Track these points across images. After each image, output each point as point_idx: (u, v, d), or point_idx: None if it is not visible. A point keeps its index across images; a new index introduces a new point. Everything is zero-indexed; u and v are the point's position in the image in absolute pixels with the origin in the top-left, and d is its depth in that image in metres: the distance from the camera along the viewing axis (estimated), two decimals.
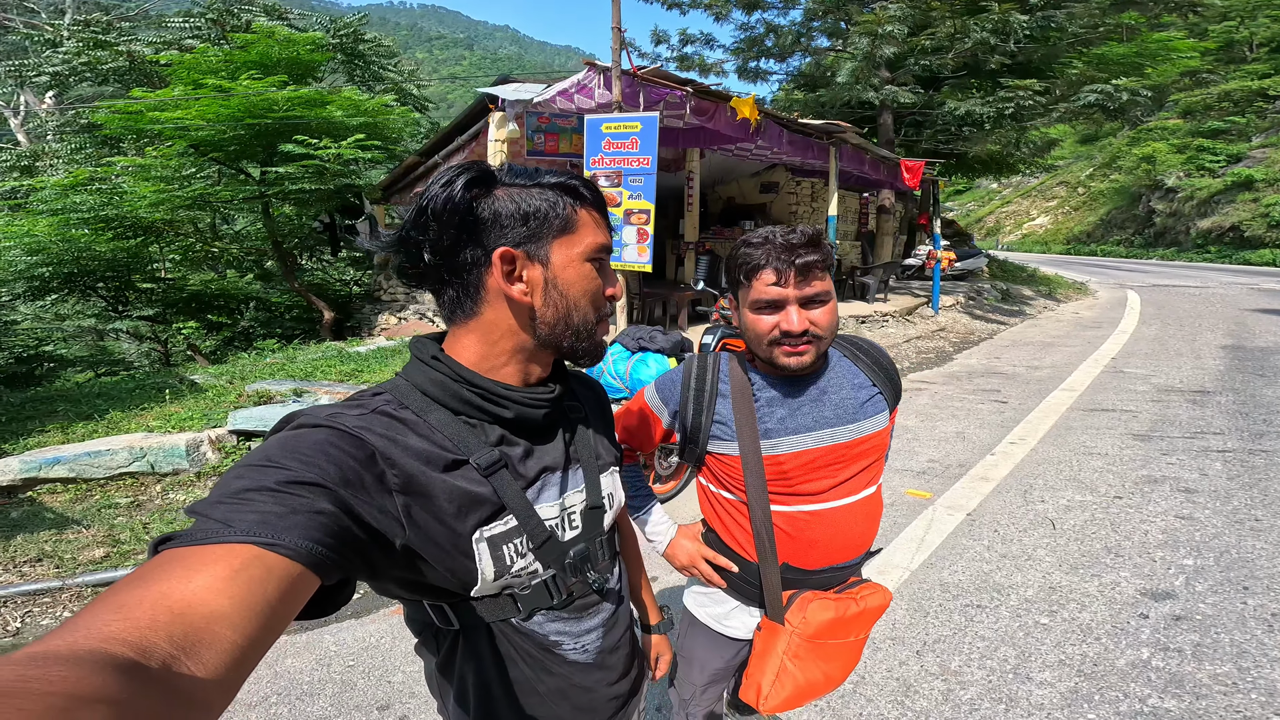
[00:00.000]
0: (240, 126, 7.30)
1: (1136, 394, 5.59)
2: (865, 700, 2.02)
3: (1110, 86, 8.82)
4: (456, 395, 0.69)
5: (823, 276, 1.04)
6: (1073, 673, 2.04)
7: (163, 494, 3.76)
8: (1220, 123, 27.61)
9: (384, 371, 5.39)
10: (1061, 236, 34.27)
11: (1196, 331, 8.76)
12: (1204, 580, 2.52)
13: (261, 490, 0.51)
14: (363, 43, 12.90)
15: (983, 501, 3.45)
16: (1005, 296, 12.10)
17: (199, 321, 11.19)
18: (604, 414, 0.90)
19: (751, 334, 1.08)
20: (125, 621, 0.37)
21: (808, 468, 1.10)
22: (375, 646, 2.41)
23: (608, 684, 0.82)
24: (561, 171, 0.74)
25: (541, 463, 0.74)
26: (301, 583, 0.48)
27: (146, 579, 0.42)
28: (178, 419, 4.44)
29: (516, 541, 0.69)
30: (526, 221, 0.68)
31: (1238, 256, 23.60)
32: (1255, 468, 3.68)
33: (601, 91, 4.99)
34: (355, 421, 0.62)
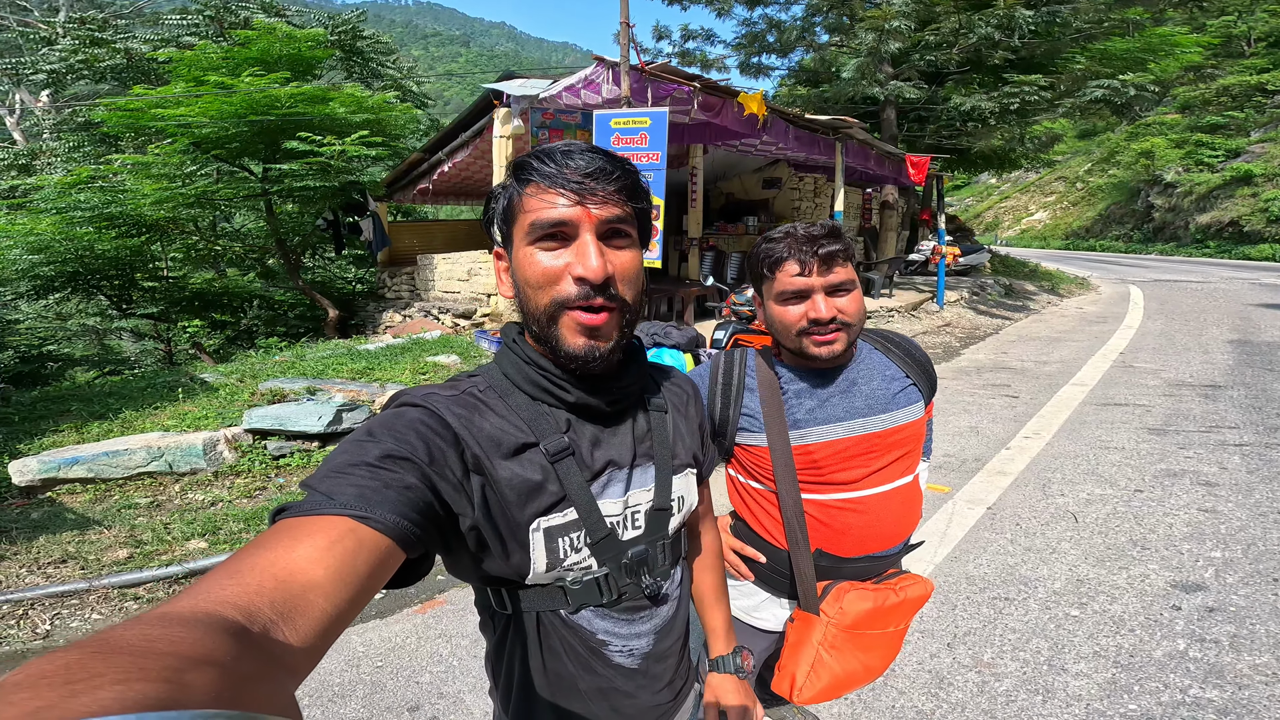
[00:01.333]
0: (243, 123, 7.26)
1: (1148, 389, 5.60)
2: (897, 693, 2.02)
3: (1117, 82, 8.81)
4: (528, 378, 0.70)
5: (845, 265, 1.07)
6: (1109, 664, 2.05)
7: (181, 494, 3.75)
8: (1218, 118, 27.53)
9: (394, 369, 5.38)
10: (1060, 232, 34.27)
11: (1202, 326, 8.77)
12: (1234, 572, 2.53)
13: (361, 465, 0.54)
14: (361, 39, 12.85)
15: (1002, 495, 3.45)
16: (1008, 292, 12.11)
17: (203, 320, 11.16)
18: (690, 414, 0.86)
19: (780, 326, 1.10)
20: (238, 586, 0.40)
21: (839, 457, 1.11)
22: (401, 647, 2.41)
23: (652, 692, 0.79)
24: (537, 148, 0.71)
25: (608, 455, 0.72)
26: (389, 556, 0.50)
27: (261, 546, 0.45)
28: (192, 418, 4.43)
29: (574, 535, 0.68)
30: (503, 218, 0.70)
31: (1237, 251, 23.59)
32: (1274, 461, 3.69)
33: (609, 87, 4.96)
34: (445, 403, 0.65)
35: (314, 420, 4.17)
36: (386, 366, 5.38)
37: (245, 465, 4.01)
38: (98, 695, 0.23)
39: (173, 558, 3.05)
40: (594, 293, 0.64)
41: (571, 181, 0.64)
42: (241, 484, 3.87)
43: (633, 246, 0.68)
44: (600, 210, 0.64)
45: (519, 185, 0.67)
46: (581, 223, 0.64)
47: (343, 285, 12.90)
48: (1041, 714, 1.86)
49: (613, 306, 0.66)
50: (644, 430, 0.76)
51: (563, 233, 0.65)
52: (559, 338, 0.66)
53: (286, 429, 4.16)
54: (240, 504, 3.65)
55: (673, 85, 5.06)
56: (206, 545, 3.20)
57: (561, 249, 0.65)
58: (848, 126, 6.60)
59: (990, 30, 8.31)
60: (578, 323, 0.65)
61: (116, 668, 0.25)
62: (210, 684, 0.27)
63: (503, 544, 0.65)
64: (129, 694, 0.23)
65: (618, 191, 0.66)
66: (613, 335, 0.67)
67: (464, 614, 2.62)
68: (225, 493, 3.76)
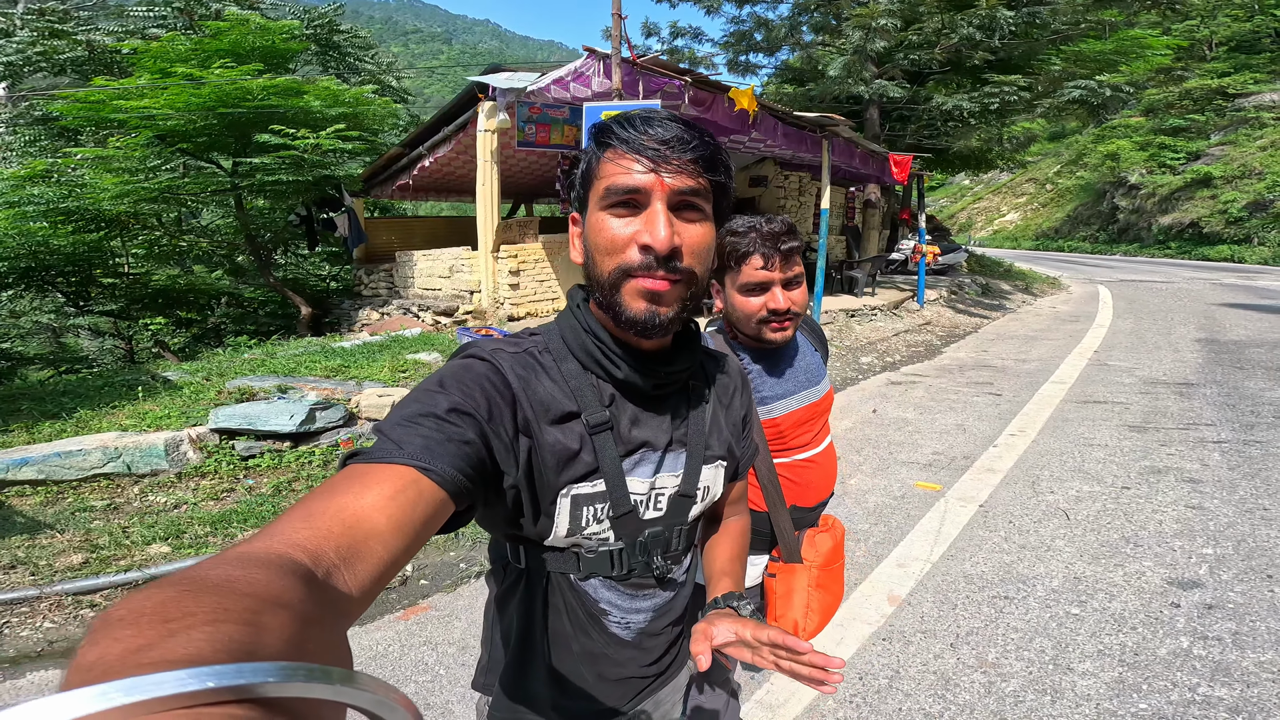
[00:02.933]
0: (212, 116, 7.02)
1: (1124, 386, 5.69)
2: (903, 695, 1.97)
3: (1094, 82, 9.01)
4: (583, 346, 0.70)
5: (799, 261, 1.21)
6: (1114, 663, 2.01)
7: (141, 496, 3.55)
8: (1180, 120, 28.31)
9: (371, 367, 5.19)
10: (1030, 232, 35.08)
11: (1170, 325, 9.00)
12: (1228, 569, 2.53)
13: (430, 416, 0.56)
14: (338, 33, 12.53)
15: (993, 493, 3.44)
16: (985, 291, 12.31)
17: (167, 317, 10.75)
18: (733, 405, 0.84)
19: (741, 314, 1.22)
20: (309, 530, 0.42)
21: (797, 425, 1.29)
22: (384, 655, 2.29)
23: (639, 665, 0.80)
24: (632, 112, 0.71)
25: (644, 435, 0.72)
26: (443, 507, 0.52)
27: (333, 490, 0.47)
28: (153, 417, 4.21)
29: (599, 506, 0.69)
30: (581, 182, 0.70)
31: (1196, 252, 24.34)
32: (1253, 458, 3.75)
33: (599, 80, 4.86)
34: (509, 360, 0.67)
35: (285, 419, 3.98)
36: (363, 364, 5.19)
37: (211, 466, 3.81)
38: (192, 635, 0.24)
39: (131, 563, 2.87)
40: (658, 264, 0.63)
41: (648, 148, 0.63)
42: (208, 485, 3.67)
43: (705, 220, 0.67)
44: (674, 180, 0.63)
45: (598, 150, 0.67)
46: (654, 191, 0.63)
47: (316, 282, 12.55)
48: (1051, 714, 1.82)
49: (677, 277, 0.64)
50: (682, 416, 0.76)
51: (635, 200, 0.64)
52: (621, 303, 0.65)
53: (256, 428, 3.96)
54: (207, 506, 3.46)
55: (664, 79, 4.99)
56: (169, 549, 3.02)
57: (632, 217, 0.64)
58: (835, 124, 6.61)
59: (971, 30, 8.42)
60: (640, 288, 0.64)
61: (206, 608, 0.27)
62: (282, 626, 0.28)
63: (535, 505, 0.67)
64: (218, 635, 0.25)
65: (694, 161, 0.64)
66: (675, 304, 0.66)
67: (449, 620, 2.49)
68: (190, 495, 3.57)
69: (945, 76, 10.39)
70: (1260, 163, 24.60)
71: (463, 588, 2.75)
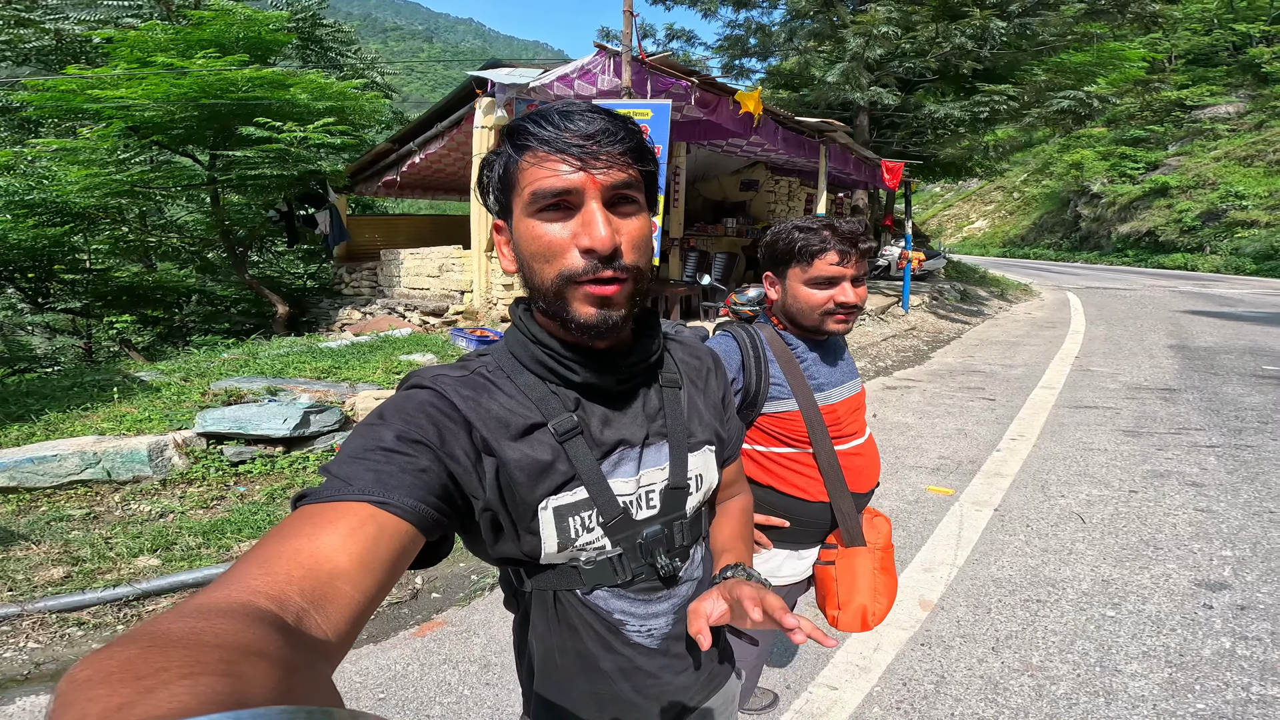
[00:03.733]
0: (193, 107, 6.74)
1: (1110, 391, 5.84)
2: (953, 700, 1.94)
3: (1082, 93, 9.32)
4: (534, 357, 0.68)
5: (866, 260, 1.27)
6: (1162, 664, 2.01)
7: (123, 504, 3.34)
8: (1141, 131, 29.50)
9: (364, 368, 5.01)
10: (998, 239, 36.10)
11: (1141, 332, 9.31)
12: (1250, 570, 2.57)
13: (375, 449, 0.55)
14: (321, 27, 12.21)
15: (1005, 497, 3.46)
16: (964, 297, 12.58)
17: (132, 315, 10.28)
18: (709, 387, 0.82)
19: (804, 305, 1.25)
20: (267, 576, 0.40)
21: (850, 413, 1.32)
22: (404, 676, 2.16)
23: (675, 673, 0.76)
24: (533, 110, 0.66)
25: (618, 434, 0.69)
26: (409, 540, 0.51)
27: (284, 535, 0.46)
28: (132, 420, 3.98)
29: (585, 515, 0.67)
30: (499, 187, 0.66)
31: (1152, 260, 25.32)
32: (1247, 462, 3.86)
33: (607, 77, 4.79)
34: (453, 384, 0.64)
35: (278, 423, 3.79)
36: (355, 365, 5.00)
37: (199, 472, 3.61)
38: (173, 690, 0.23)
39: (119, 577, 2.68)
40: (602, 265, 0.60)
41: (573, 145, 0.59)
42: (195, 493, 3.47)
43: (640, 212, 0.64)
44: (606, 176, 0.60)
45: (515, 152, 0.62)
46: (586, 189, 0.60)
47: (293, 280, 12.16)
48: (1108, 715, 1.80)
49: (623, 278, 0.62)
50: (656, 408, 0.73)
51: (566, 202, 0.60)
52: (569, 310, 0.62)
53: (247, 432, 3.77)
54: (195, 515, 3.26)
55: (672, 80, 4.94)
56: (159, 562, 2.83)
57: (565, 219, 0.61)
58: (833, 129, 6.67)
59: (964, 40, 8.61)
60: (588, 294, 0.61)
61: (177, 662, 0.25)
62: (263, 675, 0.27)
63: (514, 525, 0.65)
64: (199, 688, 0.23)
65: (624, 154, 0.61)
66: (624, 304, 0.64)
67: (467, 636, 2.38)
68: (176, 503, 3.37)
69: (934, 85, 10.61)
70: (1214, 173, 25.81)
71: (477, 600, 2.64)
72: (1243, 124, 27.63)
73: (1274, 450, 4.05)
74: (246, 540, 3.00)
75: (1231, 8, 29.51)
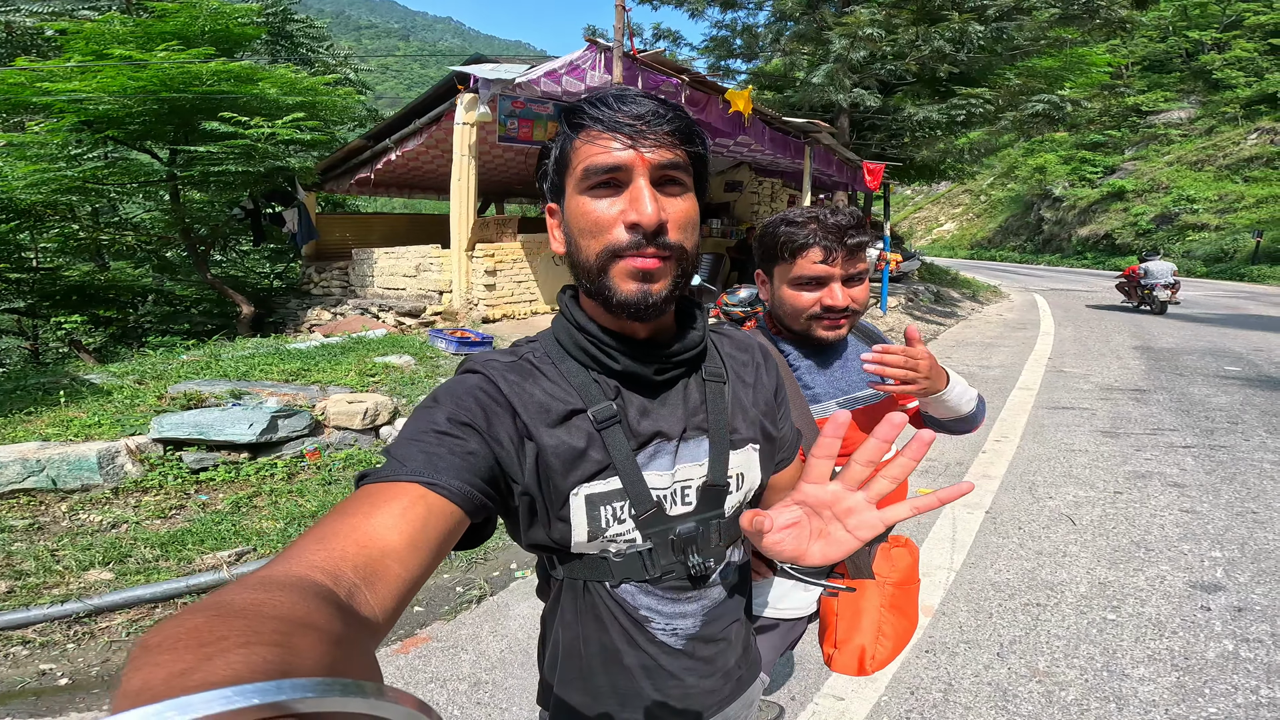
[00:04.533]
0: (153, 101, 6.43)
1: (1084, 392, 5.95)
2: (963, 708, 1.88)
3: (1055, 97, 9.57)
4: (576, 343, 0.69)
5: (864, 257, 1.12)
6: (1168, 667, 1.99)
7: (70, 514, 3.10)
8: (1100, 136, 30.48)
9: (334, 370, 4.79)
10: (966, 242, 36.99)
11: (1107, 334, 9.57)
12: (1241, 571, 2.58)
13: (429, 431, 0.57)
14: (292, 22, 11.84)
15: (995, 499, 3.45)
16: (938, 298, 12.79)
17: (83, 315, 9.77)
18: (759, 382, 0.79)
19: (790, 308, 1.14)
20: (325, 552, 0.42)
21: (854, 428, 1.16)
22: None
23: (699, 675, 0.74)
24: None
25: (656, 425, 0.69)
26: (455, 521, 0.53)
27: (344, 512, 0.48)
28: (80, 425, 3.72)
29: (617, 505, 0.66)
30: (555, 169, 0.67)
31: (1109, 262, 26.18)
32: (1224, 463, 3.94)
33: (597, 73, 4.68)
34: (501, 369, 0.66)
35: (243, 428, 3.58)
36: (326, 367, 4.78)
37: (155, 480, 3.38)
38: (229, 658, 0.25)
39: (68, 591, 2.49)
40: (646, 241, 0.61)
41: (624, 125, 0.61)
42: (152, 502, 3.25)
43: (687, 193, 0.65)
44: (654, 155, 0.61)
45: (571, 132, 0.64)
46: (635, 167, 0.61)
47: (258, 280, 11.73)
48: None
49: (667, 254, 0.63)
50: (697, 401, 0.72)
51: (616, 179, 0.62)
52: (611, 286, 0.63)
53: (209, 438, 3.55)
54: (152, 525, 3.05)
55: (662, 77, 4.85)
56: (112, 576, 2.64)
57: (614, 195, 0.62)
58: (818, 130, 6.68)
59: (943, 43, 8.76)
60: (630, 268, 0.62)
61: (237, 631, 0.27)
62: (313, 646, 0.29)
63: (547, 511, 0.65)
64: (253, 657, 0.25)
65: (671, 135, 0.62)
66: (666, 281, 0.63)
67: (455, 652, 2.24)
68: (130, 513, 3.15)
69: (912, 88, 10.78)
70: (1167, 177, 26.89)
71: (463, 615, 2.50)
72: (1194, 129, 28.88)
73: (1247, 451, 4.15)
74: (210, 551, 2.81)
75: (1185, 15, 30.77)
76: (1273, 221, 21.95)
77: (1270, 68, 27.28)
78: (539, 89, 4.91)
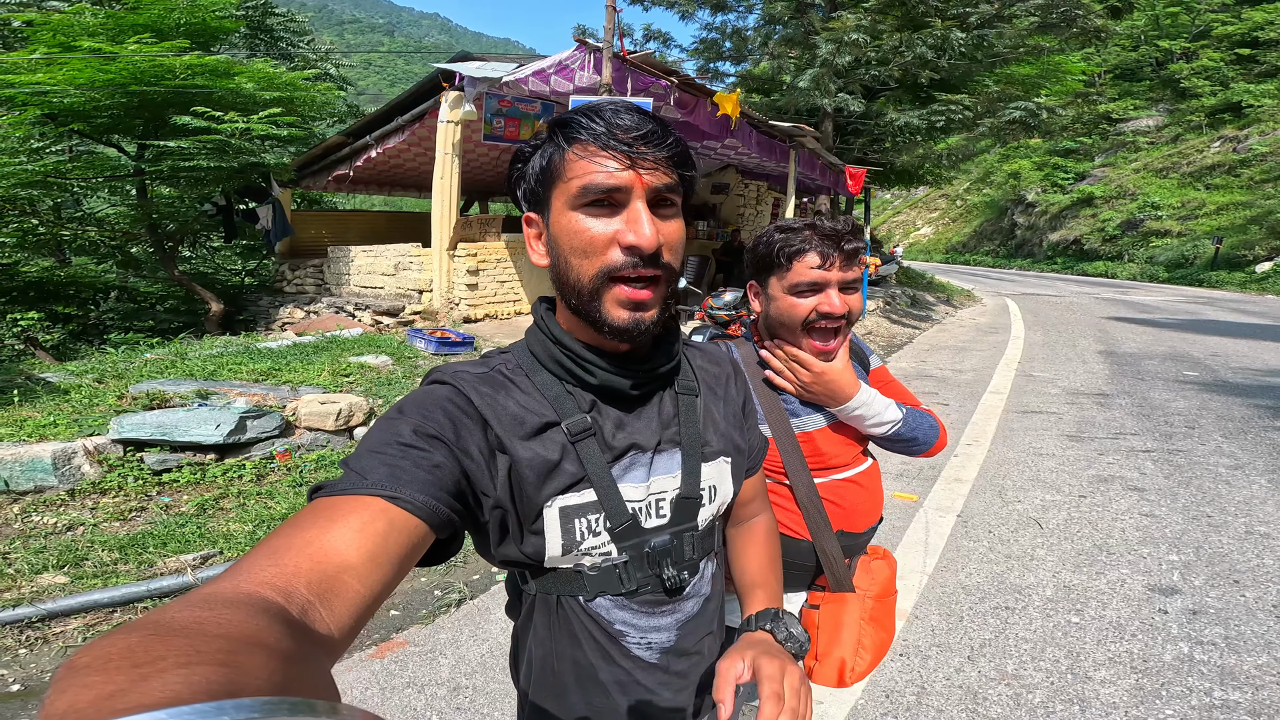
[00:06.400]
0: (122, 94, 6.25)
1: (1051, 396, 6.10)
2: (935, 711, 1.92)
3: (1032, 104, 9.81)
4: (552, 356, 0.68)
5: (858, 265, 1.12)
6: (1128, 670, 2.05)
7: (23, 516, 3.01)
8: (1072, 142, 31.21)
9: (307, 370, 4.70)
10: (941, 246, 37.75)
11: (1073, 338, 9.84)
12: (1197, 575, 2.67)
13: (393, 444, 0.55)
14: (272, 15, 11.59)
15: (966, 503, 3.52)
16: (914, 302, 13.03)
17: (40, 312, 9.43)
18: (728, 395, 0.80)
19: (786, 317, 1.13)
20: (276, 568, 0.41)
21: (834, 441, 1.18)
22: (363, 701, 2.01)
23: (673, 691, 0.74)
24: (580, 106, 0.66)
25: (631, 438, 0.69)
26: (419, 536, 0.51)
27: (298, 526, 0.47)
28: (34, 426, 3.60)
29: (592, 518, 0.66)
30: (539, 179, 0.65)
31: (1077, 267, 27.00)
32: (1180, 466, 4.07)
33: (586, 74, 4.65)
34: (472, 381, 0.65)
35: (210, 429, 3.49)
36: (298, 367, 4.68)
37: (114, 482, 3.28)
38: (166, 679, 0.23)
39: (20, 596, 2.42)
40: (643, 263, 0.61)
41: (623, 144, 0.60)
42: (111, 504, 3.15)
43: (678, 216, 0.66)
44: (652, 177, 0.61)
45: (564, 144, 0.62)
46: (633, 188, 0.61)
47: (229, 278, 11.44)
48: None
49: (659, 275, 0.63)
50: (671, 414, 0.73)
51: (612, 199, 0.61)
52: (603, 311, 0.63)
53: (172, 439, 3.45)
54: (111, 528, 2.96)
55: (651, 79, 4.84)
56: (68, 579, 2.55)
57: (609, 215, 0.61)
58: (803, 134, 6.73)
59: (925, 50, 8.91)
60: (623, 296, 0.62)
61: (176, 650, 0.26)
62: (262, 665, 0.28)
63: (520, 525, 0.64)
64: (194, 678, 0.24)
65: (669, 158, 0.63)
66: (657, 307, 0.64)
67: (433, 656, 2.21)
68: (88, 515, 3.05)
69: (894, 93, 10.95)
70: (1133, 184, 27.74)
71: (442, 618, 2.46)
72: (1161, 137, 29.81)
73: (1202, 455, 4.30)
74: (173, 554, 2.74)
75: (1157, 24, 31.71)
76: (1232, 228, 22.82)
77: (1235, 77, 28.29)
78: (527, 88, 4.87)
